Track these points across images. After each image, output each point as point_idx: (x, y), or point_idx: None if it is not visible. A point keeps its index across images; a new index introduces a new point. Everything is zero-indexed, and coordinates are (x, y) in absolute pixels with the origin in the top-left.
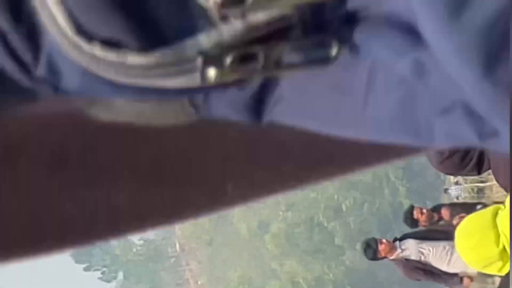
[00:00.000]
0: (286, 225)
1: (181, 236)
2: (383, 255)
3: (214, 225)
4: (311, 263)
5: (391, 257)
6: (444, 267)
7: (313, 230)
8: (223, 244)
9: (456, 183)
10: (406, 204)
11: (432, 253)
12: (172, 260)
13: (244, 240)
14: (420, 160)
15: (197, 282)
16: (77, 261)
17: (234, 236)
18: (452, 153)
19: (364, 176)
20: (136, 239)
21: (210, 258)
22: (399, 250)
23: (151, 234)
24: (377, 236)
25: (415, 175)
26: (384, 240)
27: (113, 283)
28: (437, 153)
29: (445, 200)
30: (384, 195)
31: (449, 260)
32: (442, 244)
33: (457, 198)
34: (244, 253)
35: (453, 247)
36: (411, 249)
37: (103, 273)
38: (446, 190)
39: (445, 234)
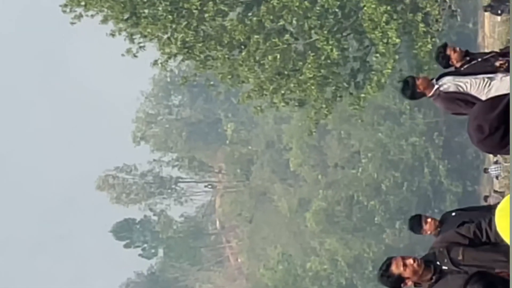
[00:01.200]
0: (326, 203)
1: (221, 213)
2: (421, 89)
3: (255, 202)
4: (351, 242)
5: (429, 94)
6: (483, 98)
7: (353, 209)
8: (263, 222)
9: (496, 162)
10: (446, 183)
11: (470, 84)
12: (212, 237)
13: (285, 218)
14: (460, 139)
15: (237, 259)
16: (117, 238)
17: (274, 214)
18: (493, 131)
19: (404, 155)
20: (176, 216)
21: (250, 235)
22: (436, 86)
23: (191, 211)
24: (417, 212)
25: (455, 154)
26: (420, 75)
27: (154, 260)
28: (477, 132)
29: (484, 180)
30: (423, 174)
31: (489, 90)
32: (480, 76)
33: (497, 177)
34: (284, 231)
35: (491, 78)
36: (449, 83)
37: (143, 249)
38: (485, 170)
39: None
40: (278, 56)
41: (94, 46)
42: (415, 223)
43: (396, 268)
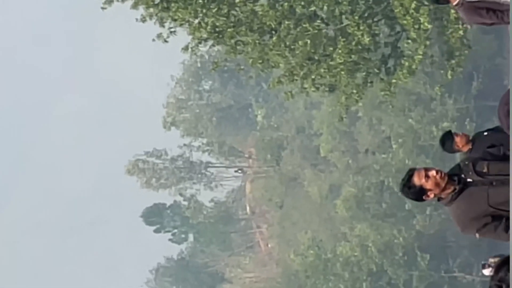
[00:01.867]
0: (356, 189)
1: (251, 198)
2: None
3: (285, 188)
4: (381, 227)
5: (454, 3)
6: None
7: (383, 195)
8: (294, 207)
9: None
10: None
11: None
12: (242, 222)
13: (315, 204)
14: (491, 126)
15: (267, 245)
16: (147, 223)
17: (305, 199)
18: None
19: (435, 141)
20: (206, 201)
21: (280, 221)
22: None
23: (221, 196)
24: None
25: None
26: None
27: (184, 245)
28: (508, 117)
29: None
30: (455, 160)
31: None
32: None
33: None
34: (315, 216)
35: None
36: None
37: (173, 234)
38: None
39: None
40: (309, 42)
41: (125, 31)
42: (447, 138)
43: (418, 180)
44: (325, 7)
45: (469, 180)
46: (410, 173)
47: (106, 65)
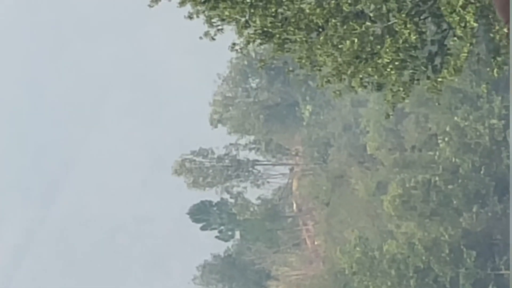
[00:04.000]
0: (403, 187)
1: (298, 196)
2: None
3: (332, 185)
4: (428, 225)
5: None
6: None
7: (430, 193)
8: (340, 205)
9: None
10: None
11: None
12: (289, 220)
13: (362, 201)
14: None
15: (313, 242)
16: (194, 220)
17: (351, 197)
18: None
19: (482, 139)
20: (253, 198)
21: (327, 218)
22: None
23: (268, 193)
24: (495, 196)
25: None
26: None
27: (230, 242)
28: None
29: None
30: (501, 158)
31: None
32: None
33: None
34: (361, 214)
35: None
36: None
37: (220, 232)
38: None
39: None
40: (356, 40)
41: (171, 29)
42: None
43: None
44: (372, 5)
45: None
46: None
47: (153, 63)
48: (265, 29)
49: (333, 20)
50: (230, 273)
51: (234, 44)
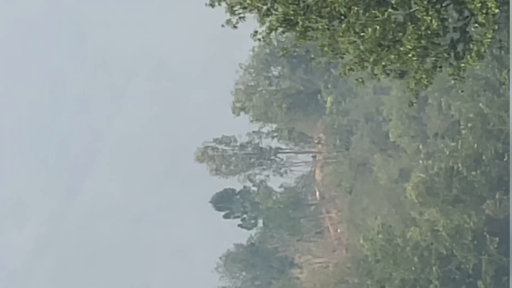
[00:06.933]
0: (426, 174)
1: (321, 184)
2: None
3: (354, 173)
4: (451, 212)
5: None
6: None
7: (453, 180)
8: (363, 193)
9: None
10: None
11: None
12: (312, 208)
13: (384, 189)
14: None
15: (336, 230)
16: (217, 209)
17: (374, 185)
18: None
19: (505, 126)
20: (276, 186)
21: (350, 206)
22: None
23: (291, 181)
24: None
25: None
26: None
27: (253, 230)
28: None
29: None
30: None
31: None
32: None
33: None
34: (384, 201)
35: None
36: None
37: (243, 220)
38: None
39: None
40: (378, 28)
41: (192, 18)
42: None
43: None
44: None
45: None
46: None
47: (175, 51)
48: (287, 17)
49: (355, 8)
50: (252, 261)
51: (256, 32)
